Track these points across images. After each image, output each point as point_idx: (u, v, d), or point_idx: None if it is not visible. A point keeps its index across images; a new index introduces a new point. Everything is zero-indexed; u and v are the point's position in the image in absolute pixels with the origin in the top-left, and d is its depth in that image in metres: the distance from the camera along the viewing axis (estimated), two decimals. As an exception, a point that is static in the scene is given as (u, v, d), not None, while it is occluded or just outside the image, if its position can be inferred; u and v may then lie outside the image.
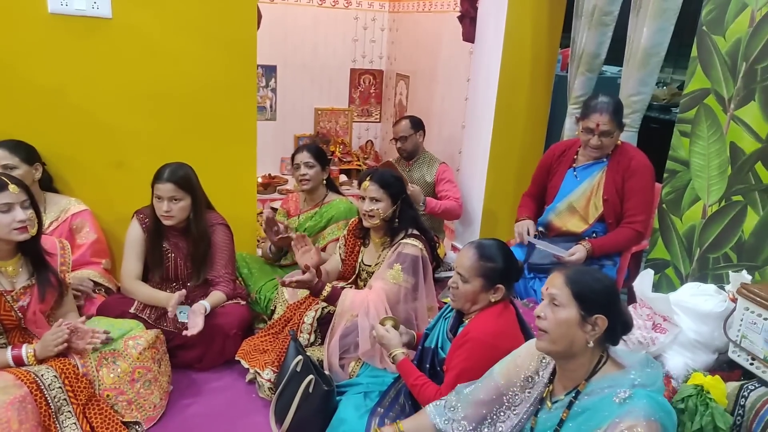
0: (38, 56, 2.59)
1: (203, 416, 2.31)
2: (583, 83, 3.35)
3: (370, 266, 2.63)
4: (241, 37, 2.85)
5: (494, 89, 3.52)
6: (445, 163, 3.73)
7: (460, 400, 1.75)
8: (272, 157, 5.14)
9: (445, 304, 2.22)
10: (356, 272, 2.70)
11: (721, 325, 2.02)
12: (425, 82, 4.72)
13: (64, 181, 2.79)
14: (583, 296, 1.49)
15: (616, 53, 3.26)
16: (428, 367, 2.07)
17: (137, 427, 2.17)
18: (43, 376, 1.95)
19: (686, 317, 2.09)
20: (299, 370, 2.17)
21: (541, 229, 2.89)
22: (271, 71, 5.07)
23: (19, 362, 2.00)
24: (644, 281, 2.19)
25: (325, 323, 2.53)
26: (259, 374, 2.41)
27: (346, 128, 5.54)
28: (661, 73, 3.33)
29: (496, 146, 3.62)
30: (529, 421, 1.63)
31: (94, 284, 2.67)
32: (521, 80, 3.56)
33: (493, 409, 1.69)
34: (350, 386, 2.27)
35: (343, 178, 5.13)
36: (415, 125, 3.71)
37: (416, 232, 2.53)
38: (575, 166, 2.81)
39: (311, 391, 2.10)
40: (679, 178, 2.54)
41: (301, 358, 2.19)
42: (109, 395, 2.12)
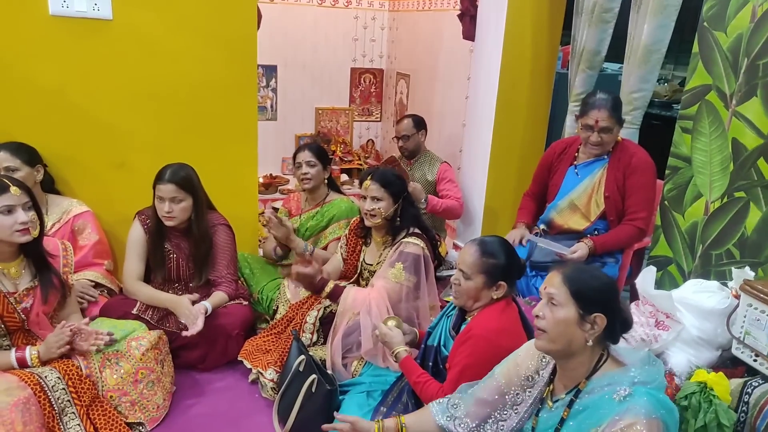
0: (39, 58, 2.60)
1: (206, 416, 2.31)
2: (583, 80, 3.34)
3: (371, 265, 2.63)
4: (241, 37, 2.85)
5: (495, 87, 3.52)
6: (446, 162, 3.73)
7: (462, 398, 1.75)
8: (273, 156, 5.14)
9: (447, 302, 2.22)
10: (358, 271, 2.70)
11: (724, 321, 2.02)
12: (426, 80, 4.71)
13: (65, 182, 2.79)
14: (581, 295, 1.48)
15: (616, 50, 3.26)
16: (431, 365, 2.07)
17: (141, 427, 2.17)
18: (46, 377, 1.95)
19: (689, 314, 2.09)
20: (302, 369, 2.17)
21: (543, 227, 2.89)
22: (271, 71, 5.07)
23: (22, 364, 2.00)
24: (647, 278, 2.19)
25: (327, 323, 2.53)
26: (261, 374, 2.41)
27: (346, 127, 5.54)
28: (662, 69, 3.33)
29: (496, 144, 3.62)
30: (530, 420, 1.63)
31: (96, 285, 2.67)
32: (522, 78, 3.55)
33: (496, 408, 1.69)
34: (353, 385, 2.27)
35: (344, 177, 5.13)
36: (417, 124, 3.70)
37: (418, 230, 2.52)
38: (576, 163, 2.81)
39: (314, 390, 2.10)
40: (681, 174, 2.53)
41: (303, 357, 2.19)
42: (112, 396, 2.12)
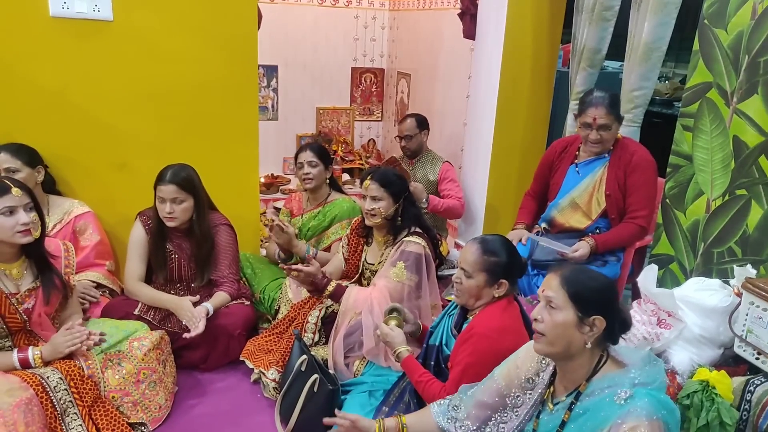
0: (40, 59, 2.60)
1: (208, 416, 2.31)
2: (584, 79, 3.34)
3: (373, 265, 2.63)
4: (241, 37, 2.85)
5: (495, 86, 3.52)
6: (448, 161, 3.73)
7: (463, 400, 1.75)
8: (274, 156, 5.15)
9: (448, 302, 2.21)
10: (359, 271, 2.70)
11: (726, 319, 2.02)
12: (426, 79, 4.71)
13: (66, 183, 2.79)
14: (579, 297, 1.47)
15: (617, 48, 3.26)
16: (433, 364, 2.07)
17: (143, 428, 2.17)
18: (48, 378, 1.95)
19: (691, 312, 2.09)
20: (304, 369, 2.17)
21: (544, 225, 2.89)
22: (272, 71, 5.07)
23: (25, 365, 2.00)
24: (648, 277, 2.18)
25: (329, 322, 2.53)
26: (263, 374, 2.42)
27: (347, 127, 5.54)
28: (663, 67, 3.32)
29: (497, 143, 3.62)
30: (530, 422, 1.62)
31: (97, 286, 2.67)
32: (522, 77, 3.55)
33: (497, 410, 1.68)
34: (355, 385, 2.27)
35: (345, 176, 5.13)
36: (420, 124, 3.70)
37: (419, 230, 2.52)
38: (577, 162, 2.80)
39: (316, 390, 2.10)
40: (682, 172, 2.53)
41: (305, 357, 2.19)
42: (114, 396, 2.13)
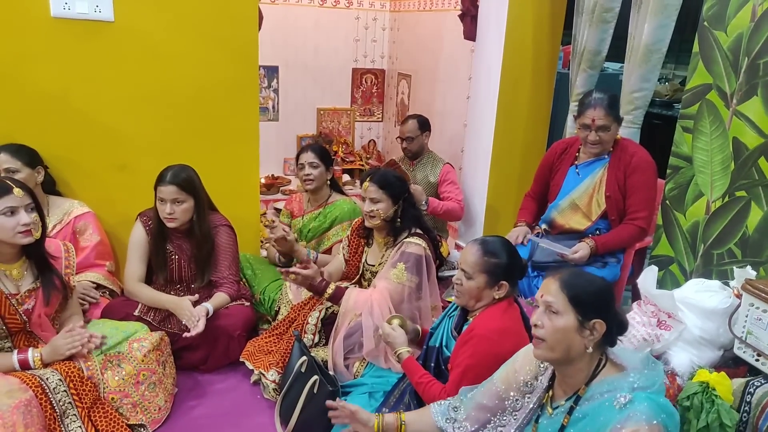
0: (41, 60, 2.60)
1: (208, 418, 2.31)
2: (584, 80, 3.34)
3: (373, 266, 2.63)
4: (242, 38, 2.86)
5: (496, 87, 3.52)
6: (449, 163, 3.72)
7: (462, 402, 1.75)
8: (275, 157, 5.15)
9: (449, 303, 2.21)
10: (360, 272, 2.70)
11: (726, 321, 2.02)
12: (427, 81, 4.71)
13: (66, 183, 2.79)
14: (579, 301, 1.47)
15: (617, 50, 3.26)
16: (433, 366, 2.06)
17: (142, 429, 2.17)
18: (48, 379, 1.95)
19: (691, 314, 2.08)
20: (304, 370, 2.17)
21: (544, 226, 2.89)
22: (273, 72, 5.08)
23: (25, 366, 2.00)
24: (648, 278, 2.18)
25: (329, 323, 2.53)
26: (263, 375, 2.42)
27: (348, 128, 5.54)
28: (663, 69, 3.32)
29: (498, 144, 3.62)
30: (529, 426, 1.61)
31: (97, 286, 2.67)
32: (523, 78, 3.55)
33: (496, 413, 1.68)
34: (355, 386, 2.27)
35: (346, 177, 5.13)
36: (422, 126, 3.69)
37: (419, 231, 2.52)
38: (577, 163, 2.80)
39: (316, 391, 2.10)
40: (682, 174, 2.53)
41: (305, 358, 2.19)
42: (113, 398, 2.12)
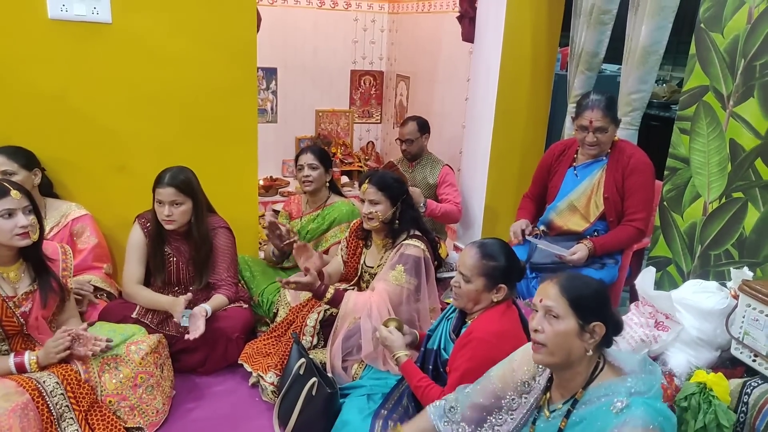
0: (38, 61, 2.60)
1: (206, 420, 2.31)
2: (582, 82, 3.35)
3: (372, 268, 2.63)
4: (241, 39, 2.86)
5: (494, 89, 3.52)
6: (448, 165, 3.71)
7: (459, 400, 1.75)
8: (273, 159, 5.15)
9: (447, 304, 2.21)
10: (358, 274, 2.70)
11: (723, 322, 2.02)
12: (425, 82, 4.72)
13: (64, 186, 2.79)
14: (579, 305, 1.46)
15: (615, 51, 3.27)
16: (431, 368, 2.07)
17: (140, 432, 2.17)
18: (44, 382, 1.95)
19: (688, 315, 2.09)
20: (302, 372, 2.17)
21: (542, 228, 2.89)
22: (271, 73, 5.08)
23: (21, 369, 1.99)
24: (646, 279, 2.19)
25: (327, 326, 2.53)
26: (262, 377, 2.41)
27: (347, 130, 5.54)
28: (660, 70, 3.33)
29: (496, 146, 3.62)
30: (526, 427, 1.61)
31: (95, 289, 2.67)
32: (521, 79, 3.56)
33: (493, 411, 1.68)
34: (353, 388, 2.27)
35: (344, 179, 5.13)
36: (421, 128, 3.69)
37: (418, 233, 2.52)
38: (575, 165, 2.81)
39: (314, 393, 2.10)
40: (679, 175, 2.54)
41: (304, 360, 2.19)
42: (111, 401, 2.12)
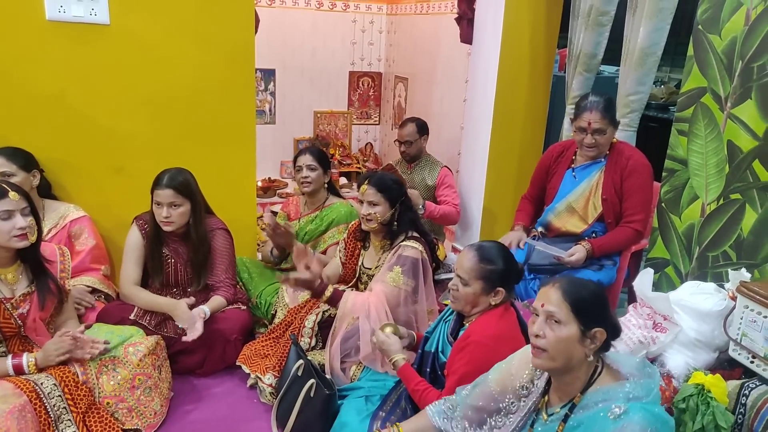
0: (36, 63, 2.59)
1: (204, 422, 2.30)
2: (580, 83, 3.35)
3: (370, 269, 2.63)
4: (239, 41, 2.86)
5: (492, 90, 3.53)
6: (447, 166, 3.71)
7: (458, 402, 1.75)
8: (272, 160, 5.14)
9: (445, 306, 2.21)
10: (356, 275, 2.70)
11: (721, 323, 2.03)
12: (424, 83, 4.72)
13: (62, 187, 2.78)
14: (581, 311, 1.45)
15: (613, 53, 3.27)
16: (429, 371, 2.06)
17: (138, 434, 2.17)
18: (42, 384, 1.95)
19: (686, 316, 2.09)
20: (300, 374, 2.17)
21: (540, 229, 2.89)
22: (269, 75, 5.07)
23: (19, 371, 1.99)
24: (644, 280, 2.19)
25: (325, 327, 2.53)
26: (260, 379, 2.41)
27: (345, 131, 5.54)
28: (658, 72, 3.34)
29: (495, 147, 3.63)
30: (525, 430, 1.61)
31: (93, 290, 2.67)
32: (519, 81, 3.56)
33: (492, 414, 1.68)
34: (352, 390, 2.26)
35: (343, 180, 5.13)
36: (420, 129, 3.68)
37: (416, 234, 2.52)
38: (573, 166, 2.81)
39: (312, 395, 2.10)
40: (677, 176, 2.54)
41: (302, 362, 2.19)
42: (109, 403, 2.11)
